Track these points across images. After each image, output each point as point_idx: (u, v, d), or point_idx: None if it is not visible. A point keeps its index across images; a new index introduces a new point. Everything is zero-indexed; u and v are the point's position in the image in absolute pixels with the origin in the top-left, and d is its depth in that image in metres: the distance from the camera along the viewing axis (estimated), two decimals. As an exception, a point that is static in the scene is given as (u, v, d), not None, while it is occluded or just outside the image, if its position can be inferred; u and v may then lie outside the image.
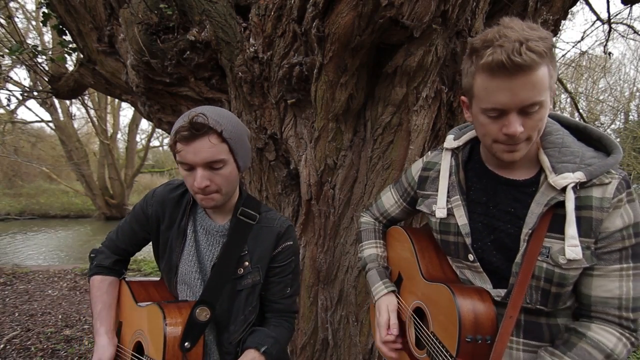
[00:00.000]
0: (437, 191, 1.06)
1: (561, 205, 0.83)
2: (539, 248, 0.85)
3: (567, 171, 0.83)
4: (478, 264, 0.95)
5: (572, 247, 0.81)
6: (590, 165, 0.83)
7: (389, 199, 1.28)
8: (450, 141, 1.06)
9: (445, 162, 1.05)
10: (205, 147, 0.96)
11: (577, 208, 0.82)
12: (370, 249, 1.28)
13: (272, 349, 1.09)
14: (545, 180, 0.87)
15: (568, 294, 0.88)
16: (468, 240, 0.96)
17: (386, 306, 1.13)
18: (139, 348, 1.10)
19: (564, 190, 0.83)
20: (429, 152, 1.16)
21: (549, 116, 0.97)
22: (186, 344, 1.00)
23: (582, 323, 0.86)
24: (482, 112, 0.86)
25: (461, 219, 0.98)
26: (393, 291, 1.17)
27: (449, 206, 1.02)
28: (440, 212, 1.02)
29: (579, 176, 0.82)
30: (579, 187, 0.83)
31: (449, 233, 1.02)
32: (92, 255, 1.25)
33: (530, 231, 0.86)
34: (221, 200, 1.05)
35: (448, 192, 1.03)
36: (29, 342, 3.38)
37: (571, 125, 0.94)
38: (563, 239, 0.83)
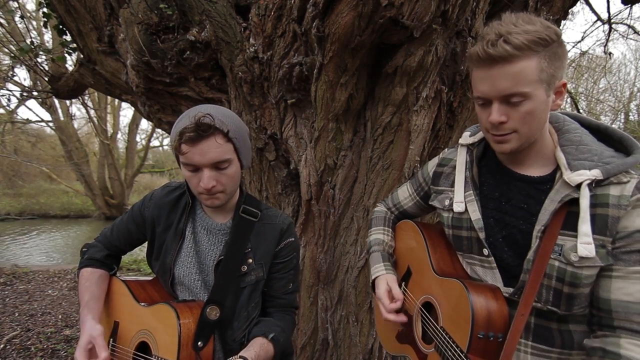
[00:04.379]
0: (450, 186, 1.07)
1: (576, 202, 0.82)
2: (552, 245, 0.84)
3: (583, 168, 0.82)
4: (492, 258, 0.94)
5: (584, 244, 0.79)
6: (609, 163, 0.81)
7: (404, 192, 1.29)
8: (466, 137, 1.07)
9: (461, 158, 1.05)
10: (212, 148, 0.96)
11: (593, 205, 0.80)
12: (377, 234, 1.30)
13: (279, 336, 1.10)
14: (561, 178, 0.85)
15: (584, 297, 0.84)
16: (482, 235, 0.95)
17: (385, 280, 1.15)
18: (142, 348, 1.09)
19: (579, 187, 0.81)
20: (446, 149, 1.17)
21: (569, 116, 0.96)
22: (199, 343, 1.01)
23: (609, 339, 0.80)
24: (475, 102, 0.90)
25: (474, 213, 0.98)
26: (392, 274, 1.19)
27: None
28: (459, 206, 1.01)
29: (595, 174, 0.80)
30: (595, 185, 0.81)
31: (461, 228, 1.02)
32: (84, 249, 1.24)
33: (543, 228, 0.85)
34: (226, 199, 1.06)
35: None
36: (29, 342, 3.38)
37: (592, 126, 0.93)
38: (576, 237, 0.81)
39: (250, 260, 1.12)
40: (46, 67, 3.67)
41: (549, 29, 0.80)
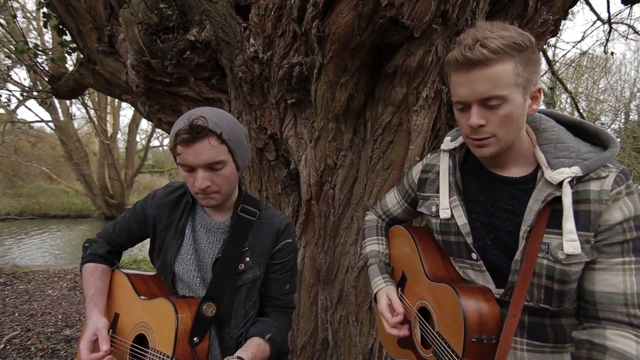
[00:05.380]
0: (436, 192, 1.07)
1: (559, 200, 0.83)
2: (538, 245, 0.85)
3: (563, 166, 0.84)
4: (481, 262, 0.95)
5: (570, 241, 0.81)
6: (587, 159, 0.83)
7: (392, 199, 1.30)
8: (447, 143, 1.08)
9: (444, 163, 1.07)
10: (206, 149, 0.98)
11: (575, 202, 0.82)
12: (372, 245, 1.30)
13: (276, 337, 1.12)
14: (542, 177, 0.87)
15: (574, 292, 0.86)
16: (469, 240, 0.96)
17: (385, 294, 1.15)
18: (139, 340, 1.11)
19: (560, 185, 0.83)
20: (429, 155, 1.18)
21: (545, 113, 0.98)
22: (195, 338, 1.03)
23: (595, 331, 0.82)
24: (455, 108, 0.92)
25: (460, 218, 0.98)
26: (391, 285, 1.19)
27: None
28: (444, 213, 1.02)
29: (575, 170, 0.82)
30: (576, 181, 0.83)
31: (449, 233, 1.03)
32: (86, 244, 1.28)
33: (528, 228, 0.86)
34: (221, 199, 1.08)
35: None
36: (29, 342, 3.38)
37: (567, 122, 0.95)
38: (561, 235, 0.82)
39: (248, 259, 1.13)
40: (46, 67, 3.67)
41: (523, 35, 0.82)
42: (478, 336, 0.88)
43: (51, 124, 12.57)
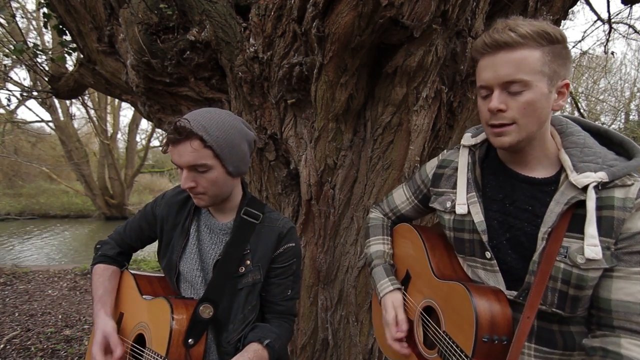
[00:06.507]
0: (452, 188, 1.05)
1: (581, 204, 0.82)
2: (557, 248, 0.83)
3: (589, 170, 0.82)
4: (495, 261, 0.93)
5: (591, 246, 0.79)
6: (613, 166, 0.82)
7: (401, 196, 1.26)
8: (467, 138, 1.06)
9: (463, 159, 1.04)
10: (187, 152, 0.99)
11: (598, 208, 0.81)
12: (377, 245, 1.26)
13: (274, 343, 1.09)
14: (566, 179, 0.85)
15: (587, 299, 0.84)
16: (484, 238, 0.94)
17: (391, 303, 1.12)
18: (140, 340, 1.11)
19: (584, 189, 0.81)
20: (445, 151, 1.15)
21: (570, 119, 0.97)
22: (190, 340, 1.02)
23: (609, 339, 0.80)
24: (479, 96, 0.91)
25: (477, 215, 0.96)
26: (399, 289, 1.16)
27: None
28: (461, 209, 0.99)
29: (601, 176, 0.81)
30: (601, 187, 0.81)
31: (463, 231, 1.00)
32: (97, 246, 1.30)
33: (549, 229, 0.84)
34: (210, 201, 1.07)
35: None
36: (29, 342, 3.38)
37: (592, 129, 0.94)
38: (582, 239, 0.81)
39: (248, 262, 1.11)
40: (46, 67, 3.66)
41: (555, 29, 0.82)
42: (489, 336, 0.86)
43: (51, 124, 12.58)
